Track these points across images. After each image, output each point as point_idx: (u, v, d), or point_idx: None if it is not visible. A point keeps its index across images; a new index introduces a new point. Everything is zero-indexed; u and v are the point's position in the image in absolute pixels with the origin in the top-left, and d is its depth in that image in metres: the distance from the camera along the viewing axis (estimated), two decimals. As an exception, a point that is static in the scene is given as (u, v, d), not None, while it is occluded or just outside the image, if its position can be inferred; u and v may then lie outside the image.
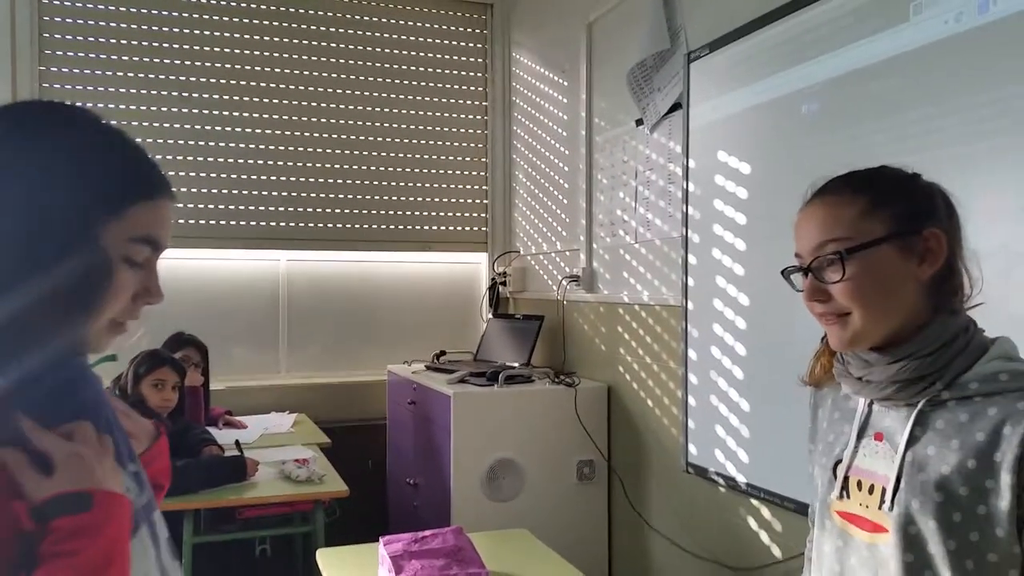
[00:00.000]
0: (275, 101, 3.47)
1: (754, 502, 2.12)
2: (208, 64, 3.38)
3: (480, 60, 3.81)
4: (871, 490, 1.02)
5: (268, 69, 3.46)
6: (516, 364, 3.05)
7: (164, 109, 3.32)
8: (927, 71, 1.57)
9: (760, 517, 2.11)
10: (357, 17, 3.61)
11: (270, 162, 3.47)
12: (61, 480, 0.70)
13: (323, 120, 3.55)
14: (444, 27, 3.75)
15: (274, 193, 3.47)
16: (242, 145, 3.43)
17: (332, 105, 3.56)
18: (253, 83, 3.44)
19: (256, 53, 3.45)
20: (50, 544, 0.68)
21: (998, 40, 1.44)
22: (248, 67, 3.43)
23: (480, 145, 3.81)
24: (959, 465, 0.93)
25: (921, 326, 0.98)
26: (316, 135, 3.54)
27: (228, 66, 3.40)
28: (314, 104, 3.54)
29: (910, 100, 1.60)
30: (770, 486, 2.00)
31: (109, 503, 0.72)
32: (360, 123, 3.61)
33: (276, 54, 3.48)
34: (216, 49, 3.39)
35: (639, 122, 2.66)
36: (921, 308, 0.99)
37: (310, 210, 3.51)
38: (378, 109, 3.64)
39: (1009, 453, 0.90)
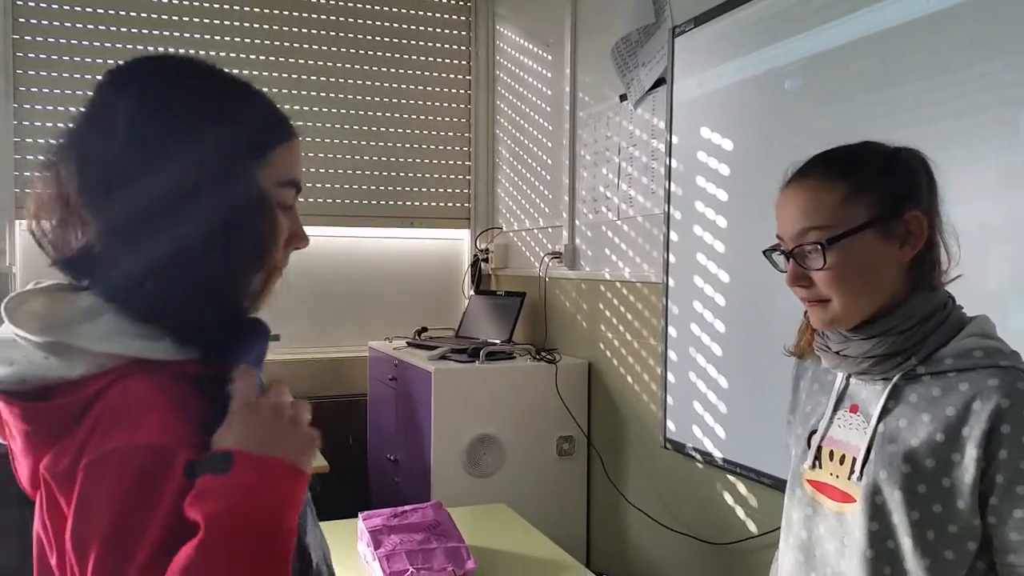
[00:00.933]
0: (255, 73, 3.41)
1: (730, 477, 2.14)
2: (189, 35, 3.31)
3: (464, 33, 3.76)
4: (842, 460, 1.04)
5: (248, 40, 3.40)
6: (497, 341, 3.05)
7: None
8: (908, 48, 1.57)
9: (736, 492, 2.13)
10: (338, -13, 3.54)
11: (249, 135, 3.41)
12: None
13: (304, 94, 3.50)
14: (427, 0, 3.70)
15: (253, 166, 3.42)
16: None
17: (313, 78, 3.51)
18: (233, 54, 3.37)
19: (236, 24, 3.38)
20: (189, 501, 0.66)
21: (977, 17, 1.43)
22: (228, 38, 3.37)
23: (463, 120, 3.77)
24: (928, 438, 0.95)
25: (899, 303, 0.99)
26: (297, 109, 3.48)
27: (208, 37, 3.34)
28: (294, 77, 3.48)
29: (891, 77, 1.60)
30: (746, 462, 2.02)
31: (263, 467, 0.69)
32: (341, 97, 3.56)
33: (256, 25, 3.41)
34: (196, 20, 3.32)
35: (623, 97, 2.64)
36: (901, 287, 1.00)
37: (290, 184, 3.46)
38: (360, 83, 3.59)
39: (977, 428, 0.91)
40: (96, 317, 0.70)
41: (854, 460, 1.01)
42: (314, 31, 3.51)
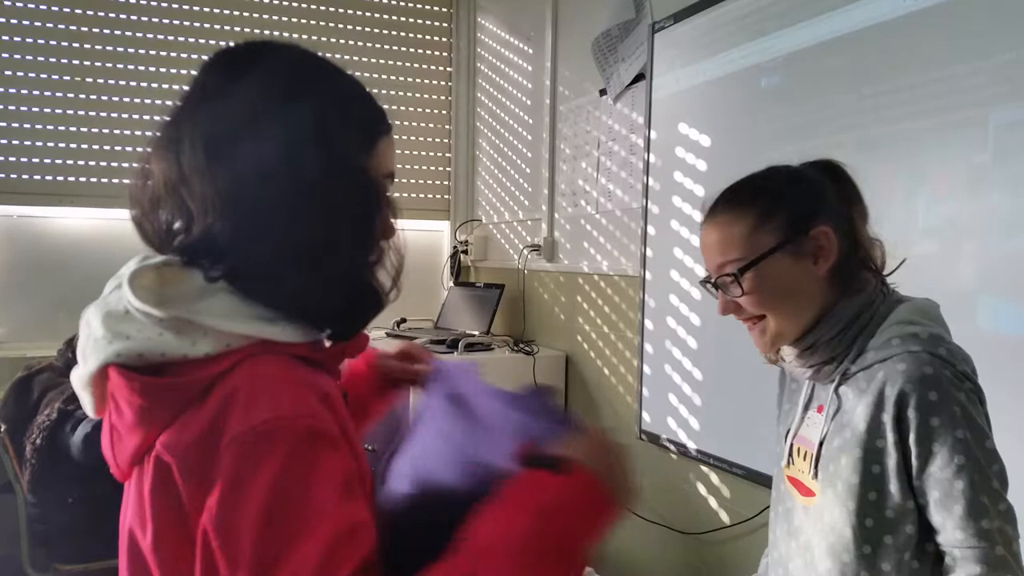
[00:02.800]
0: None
1: (704, 468, 2.17)
2: (167, 21, 3.27)
3: (445, 25, 3.75)
4: (805, 457, 1.09)
5: (228, 28, 3.36)
6: (476, 332, 3.06)
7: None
8: (882, 48, 1.59)
9: (709, 483, 2.16)
10: (319, -24, 3.51)
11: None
12: None
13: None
14: (409, -11, 3.68)
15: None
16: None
17: (292, 66, 3.48)
18: (212, 41, 3.34)
19: (215, 11, 3.34)
20: None
21: (949, 20, 1.46)
22: (208, 25, 3.33)
23: (444, 112, 3.77)
24: (856, 429, 1.00)
25: (829, 310, 1.04)
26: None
27: (185, 24, 3.30)
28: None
29: (865, 76, 1.63)
30: (719, 453, 2.05)
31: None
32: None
33: (236, 12, 3.37)
34: (175, 6, 3.28)
35: (603, 92, 2.65)
36: (829, 296, 1.04)
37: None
38: (340, 72, 3.57)
39: (890, 413, 0.95)
40: (211, 295, 0.69)
41: (813, 457, 1.07)
42: (294, 20, 3.48)
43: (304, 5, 3.49)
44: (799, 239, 1.02)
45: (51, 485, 2.30)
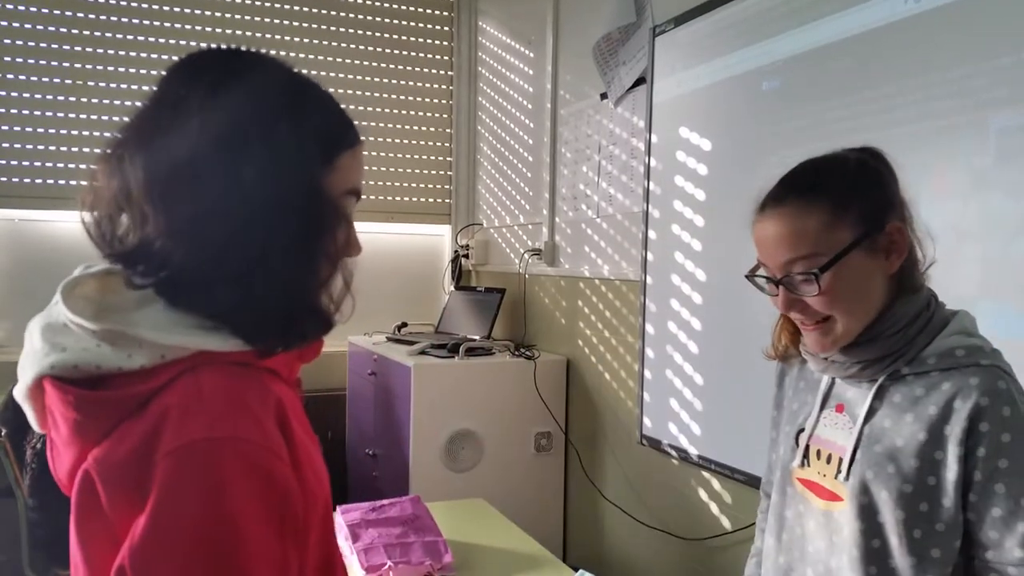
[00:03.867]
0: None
1: (705, 474, 2.16)
2: (169, 25, 3.27)
3: (447, 29, 3.76)
4: (829, 459, 1.04)
5: (228, 31, 3.37)
6: (477, 337, 3.06)
7: (130, 70, 3.21)
8: (884, 51, 1.59)
9: (711, 489, 2.16)
10: (320, -20, 3.52)
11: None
12: None
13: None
14: (410, -6, 3.68)
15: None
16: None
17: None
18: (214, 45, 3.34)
19: (216, 15, 3.35)
20: None
21: (951, 22, 1.46)
22: (209, 28, 3.34)
23: (445, 116, 3.77)
24: (912, 438, 0.96)
25: (887, 308, 1.00)
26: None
27: (187, 27, 3.30)
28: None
29: (866, 79, 1.63)
30: (721, 458, 2.04)
31: None
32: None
33: (237, 16, 3.38)
34: (175, 9, 3.28)
35: (603, 96, 2.65)
36: (889, 293, 1.00)
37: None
38: (341, 76, 3.58)
39: (958, 426, 0.92)
40: (149, 304, 0.68)
41: (840, 460, 1.02)
42: (295, 23, 3.49)
43: (305, 9, 3.50)
44: (875, 235, 0.97)
45: (51, 489, 2.29)
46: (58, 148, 3.09)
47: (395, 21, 3.66)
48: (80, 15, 3.13)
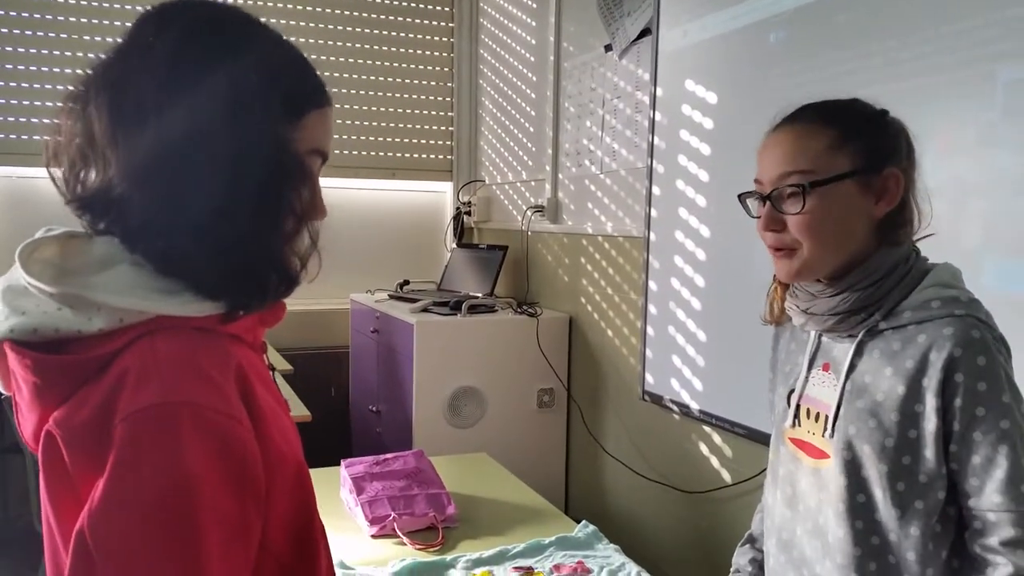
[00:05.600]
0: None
1: (706, 428, 2.18)
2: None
3: (447, -20, 3.68)
4: (817, 418, 1.06)
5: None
6: (479, 294, 3.06)
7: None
8: (891, 2, 1.56)
9: (712, 443, 2.18)
10: (318, -71, 3.44)
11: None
12: None
13: (282, 39, 3.41)
14: (409, -57, 3.60)
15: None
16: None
17: (292, 23, 3.42)
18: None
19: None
20: None
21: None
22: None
23: (446, 69, 3.71)
24: (891, 391, 0.97)
25: (864, 258, 1.00)
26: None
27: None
28: (272, 22, 3.39)
29: (874, 31, 1.59)
30: (722, 413, 2.06)
31: None
32: (320, 43, 3.48)
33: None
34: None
35: (608, 48, 2.60)
36: (868, 242, 1.01)
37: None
38: (339, 29, 3.51)
39: (934, 378, 0.93)
40: (111, 267, 0.67)
41: (827, 418, 1.03)
42: (293, -25, 3.41)
43: (303, -40, 3.42)
44: (871, 174, 0.99)
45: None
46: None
47: (395, -28, 3.58)
48: (73, -34, 3.06)
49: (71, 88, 0.71)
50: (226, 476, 0.63)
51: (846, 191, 0.98)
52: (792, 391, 1.11)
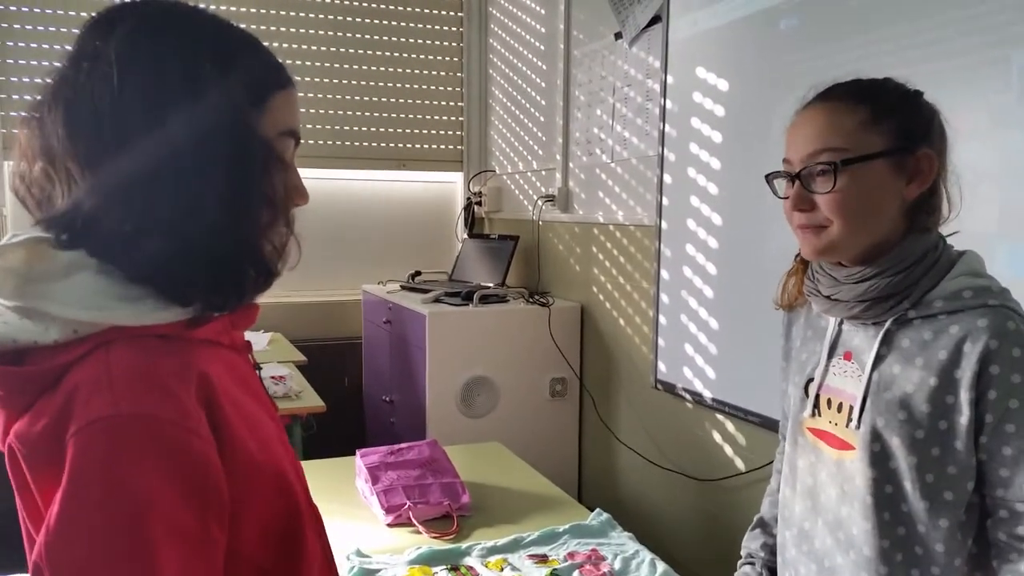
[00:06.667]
0: (242, 10, 3.33)
1: (719, 417, 2.18)
2: None
3: (455, -31, 3.67)
4: (839, 408, 1.04)
5: (233, -25, 3.31)
6: (491, 284, 3.06)
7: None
8: (908, -15, 1.54)
9: (725, 431, 2.18)
10: (326, -80, 3.43)
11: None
12: None
13: (292, 31, 3.42)
14: (418, -67, 3.59)
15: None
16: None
17: (301, 14, 3.43)
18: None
19: (219, -42, 3.28)
20: None
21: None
22: (211, -27, 3.28)
23: (456, 59, 3.71)
24: (922, 383, 0.95)
25: (892, 244, 0.98)
26: (286, 48, 3.42)
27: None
28: (282, 13, 3.40)
29: (886, 16, 1.58)
30: (735, 401, 2.06)
31: None
32: (331, 35, 3.49)
33: (241, -41, 3.31)
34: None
35: (618, 36, 2.59)
36: (897, 226, 0.99)
37: (281, 126, 3.41)
38: (349, 20, 3.51)
39: (968, 370, 0.92)
40: (73, 274, 0.65)
41: (851, 408, 1.01)
42: (301, -33, 3.41)
43: (311, -48, 3.42)
44: (904, 154, 0.96)
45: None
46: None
47: (403, -38, 3.57)
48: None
49: (30, 99, 0.70)
50: (182, 490, 0.61)
51: (878, 170, 0.96)
52: (811, 380, 1.08)
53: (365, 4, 3.53)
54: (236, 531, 0.67)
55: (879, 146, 0.96)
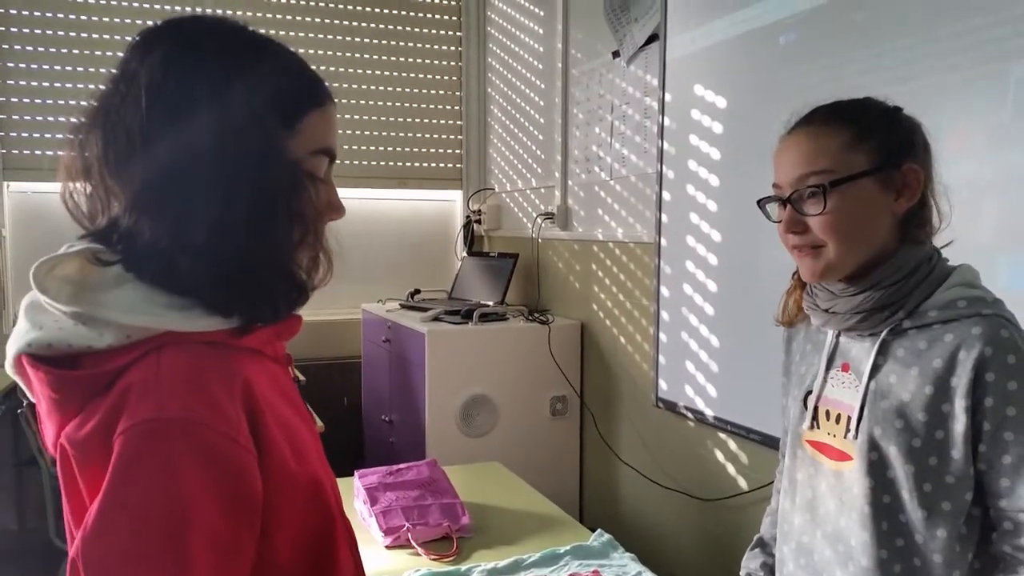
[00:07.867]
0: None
1: (721, 435, 2.16)
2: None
3: (454, -10, 3.69)
4: (838, 419, 1.04)
5: (233, -3, 3.33)
6: (491, 302, 3.05)
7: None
8: (900, 2, 1.55)
9: (727, 449, 2.16)
10: (325, -58, 3.46)
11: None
12: None
13: (291, 52, 3.43)
14: (416, -46, 3.62)
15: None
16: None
17: (300, 35, 3.45)
18: (218, 10, 3.30)
19: (220, -21, 3.31)
20: None
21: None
22: (211, -6, 3.30)
23: (454, 78, 3.72)
24: (918, 392, 0.96)
25: (888, 257, 1.00)
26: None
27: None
28: (281, 34, 3.42)
29: (885, 32, 1.58)
30: (737, 419, 2.04)
31: None
32: (330, 55, 3.50)
33: (241, -19, 3.34)
34: (177, -26, 3.25)
35: (616, 54, 2.60)
36: (891, 240, 1.00)
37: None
38: (348, 39, 3.53)
39: (964, 377, 0.92)
40: (124, 283, 0.68)
41: (849, 419, 1.02)
42: (301, -12, 3.44)
43: (311, -27, 3.44)
44: (890, 170, 0.98)
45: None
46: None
47: (402, -17, 3.59)
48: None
49: (74, 121, 0.73)
50: (218, 495, 0.63)
51: (866, 188, 0.98)
52: (809, 393, 1.09)
53: (364, 24, 3.55)
54: (270, 538, 0.69)
55: (865, 165, 0.98)
